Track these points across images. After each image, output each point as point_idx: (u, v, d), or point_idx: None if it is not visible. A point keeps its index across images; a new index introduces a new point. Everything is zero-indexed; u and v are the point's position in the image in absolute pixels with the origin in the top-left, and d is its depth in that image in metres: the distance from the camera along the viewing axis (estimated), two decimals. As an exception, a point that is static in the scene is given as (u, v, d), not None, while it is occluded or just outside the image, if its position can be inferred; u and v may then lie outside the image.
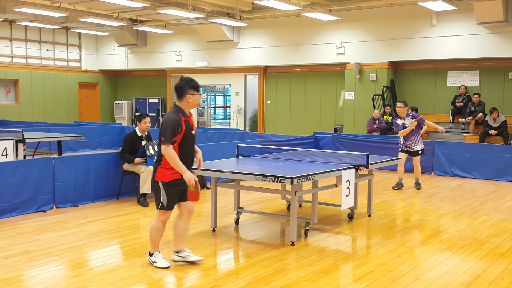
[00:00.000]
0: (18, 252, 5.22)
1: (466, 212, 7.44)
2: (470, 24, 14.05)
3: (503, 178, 10.30)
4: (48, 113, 20.89)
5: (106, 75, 22.99)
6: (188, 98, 4.60)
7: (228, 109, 20.62)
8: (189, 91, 4.59)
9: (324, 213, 7.22)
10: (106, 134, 14.99)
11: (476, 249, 5.55)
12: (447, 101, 15.16)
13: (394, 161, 7.29)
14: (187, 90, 4.59)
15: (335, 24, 16.16)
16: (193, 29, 18.69)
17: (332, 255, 5.29)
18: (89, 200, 7.65)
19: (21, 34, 20.16)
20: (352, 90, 16.25)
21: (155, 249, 4.85)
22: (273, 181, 5.27)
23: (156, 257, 4.83)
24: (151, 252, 4.87)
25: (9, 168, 6.70)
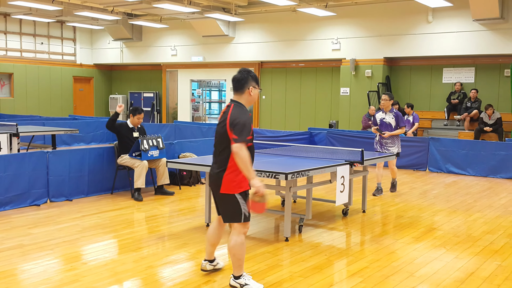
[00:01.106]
0: (12, 246, 5.20)
1: (460, 209, 7.47)
2: (466, 21, 14.07)
3: (497, 175, 10.34)
4: (43, 107, 20.79)
5: (101, 69, 22.88)
6: (250, 91, 4.07)
7: (224, 104, 20.58)
8: (252, 83, 4.07)
9: (318, 209, 7.22)
10: (100, 129, 14.93)
11: (470, 246, 5.57)
12: (442, 98, 15.20)
13: (389, 157, 7.30)
14: (249, 83, 4.06)
15: (331, 19, 16.14)
16: (188, 23, 18.62)
17: (326, 251, 5.29)
18: (83, 194, 7.62)
19: (16, 28, 20.02)
20: (347, 86, 16.25)
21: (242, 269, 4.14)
22: (268, 177, 5.26)
23: (246, 279, 4.13)
24: (237, 275, 4.12)
25: (3, 162, 6.66)
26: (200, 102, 20.89)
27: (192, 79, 20.60)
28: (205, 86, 21.21)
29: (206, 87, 21.38)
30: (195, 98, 20.82)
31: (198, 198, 7.89)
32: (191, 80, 20.59)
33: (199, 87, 20.96)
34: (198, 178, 8.98)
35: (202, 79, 20.63)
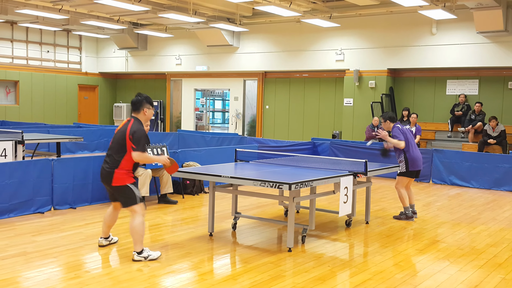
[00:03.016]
0: (15, 253, 5.21)
1: (464, 221, 7.44)
2: (470, 33, 14.11)
3: (501, 187, 10.31)
4: (48, 115, 20.88)
5: (106, 78, 23.00)
6: (145, 111, 5.19)
7: (227, 114, 20.63)
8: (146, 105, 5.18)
9: (321, 219, 7.22)
10: (104, 137, 14.98)
11: (474, 259, 5.55)
12: (446, 110, 15.19)
13: (393, 168, 7.29)
14: (144, 105, 5.17)
15: (335, 30, 16.21)
16: (193, 33, 18.73)
17: (329, 262, 5.28)
18: (87, 202, 7.64)
19: (22, 36, 20.18)
20: (351, 97, 16.27)
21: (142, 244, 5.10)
22: (271, 187, 5.27)
23: (147, 251, 5.11)
24: (139, 250, 5.06)
25: (8, 169, 6.70)
26: (204, 111, 20.95)
27: (196, 88, 20.68)
28: (209, 95, 21.28)
29: (210, 96, 21.45)
30: (198, 107, 20.88)
31: (201, 207, 7.90)
32: (195, 89, 20.67)
33: (203, 96, 21.03)
34: (202, 187, 8.99)
35: (206, 89, 20.70)
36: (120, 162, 5.04)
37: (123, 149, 5.03)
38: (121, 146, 5.05)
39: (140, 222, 5.01)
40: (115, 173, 5.03)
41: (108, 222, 5.42)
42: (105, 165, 5.12)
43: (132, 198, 5.05)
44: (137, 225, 5.00)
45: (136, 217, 5.02)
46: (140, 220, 5.02)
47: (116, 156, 5.06)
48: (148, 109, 5.17)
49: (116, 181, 5.04)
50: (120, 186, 5.05)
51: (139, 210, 5.06)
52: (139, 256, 5.04)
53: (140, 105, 5.16)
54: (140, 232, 5.01)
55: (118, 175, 5.03)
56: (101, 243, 5.50)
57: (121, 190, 5.07)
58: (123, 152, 5.03)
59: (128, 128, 5.04)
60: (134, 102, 5.18)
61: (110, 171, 5.05)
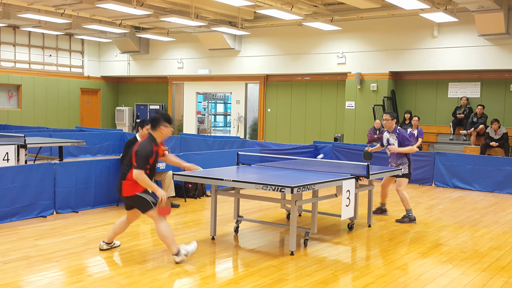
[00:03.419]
0: (18, 257, 5.22)
1: (466, 224, 7.43)
2: (471, 36, 14.11)
3: (504, 190, 10.29)
4: (50, 119, 20.93)
5: (108, 82, 23.05)
6: (161, 130, 5.12)
7: (229, 117, 20.65)
8: (163, 123, 5.12)
9: (323, 223, 7.21)
10: (107, 140, 15.00)
11: (476, 262, 5.53)
12: (448, 112, 15.18)
13: (395, 171, 7.29)
14: (161, 123, 5.11)
15: (336, 34, 16.23)
16: (195, 37, 18.77)
17: (332, 265, 5.28)
18: (89, 206, 7.65)
19: (25, 40, 20.25)
20: (352, 99, 16.28)
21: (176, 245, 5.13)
22: (273, 190, 5.27)
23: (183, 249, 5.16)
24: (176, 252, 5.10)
25: (10, 173, 6.71)
26: (206, 114, 20.97)
27: (198, 92, 20.71)
28: (210, 98, 21.30)
29: (211, 100, 21.48)
30: (200, 111, 20.90)
31: (204, 211, 7.90)
32: (197, 92, 20.70)
33: (205, 99, 21.06)
34: (204, 191, 8.99)
35: (208, 92, 20.73)
36: (127, 174, 5.12)
37: (131, 163, 5.10)
38: (129, 160, 5.15)
39: (164, 226, 5.05)
40: (122, 184, 5.14)
41: (116, 230, 5.45)
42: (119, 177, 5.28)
43: (146, 204, 5.08)
44: (163, 229, 5.03)
45: (158, 222, 5.06)
46: (163, 224, 5.05)
47: (126, 167, 5.18)
48: (165, 127, 5.12)
49: (125, 191, 5.13)
50: (130, 196, 5.13)
51: (157, 214, 5.07)
52: (180, 257, 5.10)
53: (157, 123, 5.11)
54: (168, 234, 5.04)
55: (125, 186, 5.12)
56: (101, 247, 5.53)
57: (133, 199, 5.15)
58: (131, 166, 5.10)
59: (136, 144, 5.12)
60: (151, 120, 5.18)
61: (119, 182, 5.20)
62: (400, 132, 7.48)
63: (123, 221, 5.43)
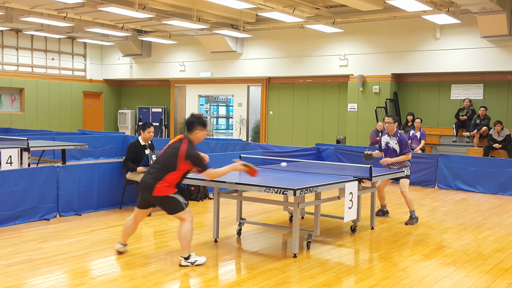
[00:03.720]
0: (21, 260, 5.23)
1: (470, 226, 7.41)
2: (474, 38, 14.10)
3: (507, 192, 10.26)
4: (53, 122, 20.98)
5: (110, 85, 23.10)
6: (196, 133, 5.15)
7: (231, 120, 20.67)
8: (198, 127, 5.14)
9: (326, 225, 7.20)
10: (109, 143, 15.03)
11: (480, 264, 5.52)
12: (450, 114, 15.16)
13: (397, 174, 7.28)
14: (196, 126, 5.13)
15: (338, 36, 16.24)
16: (197, 39, 18.80)
17: (335, 268, 5.27)
18: (92, 209, 7.66)
19: (27, 43, 20.32)
20: (355, 102, 16.27)
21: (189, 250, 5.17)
22: (276, 193, 5.27)
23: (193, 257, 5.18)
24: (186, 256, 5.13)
25: (14, 176, 6.73)
26: (208, 117, 20.99)
27: (200, 95, 20.73)
28: (212, 101, 21.33)
29: (213, 103, 21.50)
30: (203, 113, 20.92)
31: (206, 213, 7.90)
32: (199, 95, 20.72)
33: (207, 102, 21.08)
34: (206, 194, 9.00)
35: (210, 95, 20.75)
36: (164, 177, 5.03)
37: (172, 167, 5.03)
38: (170, 164, 5.03)
39: (189, 229, 5.06)
40: (156, 185, 5.02)
41: (127, 231, 5.44)
42: (149, 176, 5.11)
43: (178, 206, 5.07)
44: (186, 231, 5.05)
45: (184, 224, 5.07)
46: (189, 227, 5.07)
47: (162, 170, 5.05)
48: (200, 130, 5.15)
49: (157, 191, 5.03)
50: (160, 196, 5.04)
51: (186, 216, 5.09)
52: (186, 262, 5.10)
53: (192, 126, 5.14)
54: (188, 238, 5.06)
55: (159, 187, 5.03)
56: (119, 249, 5.50)
57: (163, 200, 5.08)
58: (171, 170, 5.03)
59: (182, 149, 5.01)
60: (187, 122, 5.20)
61: (152, 183, 5.03)
62: (402, 137, 7.42)
63: (131, 222, 5.40)
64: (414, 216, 7.46)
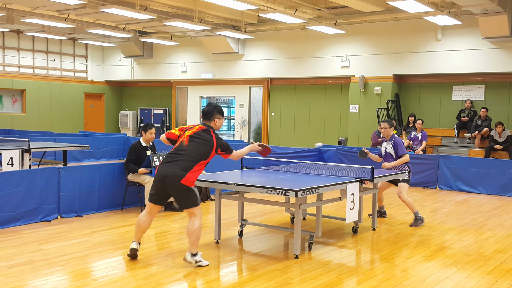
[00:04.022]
0: (23, 261, 5.23)
1: (471, 227, 7.40)
2: (475, 39, 14.09)
3: (508, 193, 10.25)
4: (54, 123, 21.00)
5: (112, 86, 23.12)
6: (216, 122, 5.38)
7: (233, 121, 20.67)
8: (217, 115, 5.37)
9: (328, 226, 7.20)
10: (111, 145, 15.03)
11: (481, 265, 5.51)
12: (452, 115, 15.15)
13: (399, 175, 7.27)
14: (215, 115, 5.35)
15: (340, 37, 16.24)
16: (198, 41, 18.81)
17: (336, 269, 5.26)
18: (94, 210, 7.66)
19: (29, 45, 20.35)
20: (356, 103, 16.27)
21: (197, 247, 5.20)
22: (277, 194, 5.27)
23: (200, 257, 5.20)
24: (194, 253, 5.14)
25: (15, 178, 6.73)
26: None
27: (201, 96, 20.75)
28: (214, 102, 21.32)
29: (215, 104, 21.49)
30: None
31: (208, 214, 7.90)
32: (200, 96, 20.74)
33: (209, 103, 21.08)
34: (208, 195, 8.99)
35: (212, 96, 20.76)
36: (194, 166, 5.11)
37: (205, 156, 5.17)
38: (204, 153, 5.17)
39: (199, 225, 5.12)
40: (187, 175, 5.06)
41: (142, 227, 5.33)
42: (176, 165, 5.07)
43: (194, 200, 5.14)
44: (197, 228, 5.09)
45: (195, 220, 5.12)
46: (199, 223, 5.12)
47: (193, 160, 5.11)
48: (219, 119, 5.36)
49: (186, 180, 5.05)
50: (187, 187, 5.07)
51: (198, 213, 5.15)
52: (192, 258, 5.11)
53: (212, 115, 5.33)
54: (198, 235, 5.10)
55: (189, 177, 5.07)
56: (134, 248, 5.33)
57: (186, 191, 5.10)
58: (202, 159, 5.16)
59: (215, 140, 5.22)
60: (206, 112, 5.36)
61: (181, 172, 5.05)
62: (396, 140, 7.40)
63: (146, 217, 5.29)
64: (419, 216, 7.39)
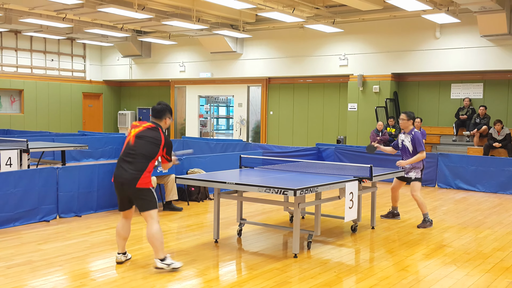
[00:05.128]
0: (21, 262, 5.22)
1: (470, 225, 7.40)
2: (473, 37, 14.09)
3: (507, 191, 10.25)
4: (52, 123, 20.97)
5: (110, 86, 23.09)
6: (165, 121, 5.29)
7: (231, 120, 20.66)
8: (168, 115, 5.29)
9: (327, 225, 7.19)
10: (109, 144, 15.02)
11: (480, 263, 5.51)
12: (450, 114, 15.15)
13: (398, 173, 7.26)
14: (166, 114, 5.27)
15: (338, 36, 16.23)
16: (196, 40, 18.79)
17: (335, 267, 5.26)
18: (92, 210, 7.65)
19: (27, 45, 20.31)
20: (355, 101, 16.27)
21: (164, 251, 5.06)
22: (276, 193, 5.26)
23: (170, 259, 5.05)
24: (162, 258, 5.00)
25: (13, 178, 6.72)
26: (208, 117, 20.98)
27: (200, 95, 20.73)
28: (213, 102, 21.32)
29: (214, 103, 21.50)
30: (203, 114, 20.92)
31: (207, 214, 7.89)
32: (199, 96, 20.72)
33: (207, 103, 21.07)
34: (206, 194, 8.99)
35: (210, 95, 20.75)
36: (147, 167, 5.03)
37: (153, 155, 5.06)
38: (152, 152, 5.05)
39: (158, 229, 4.97)
40: (142, 176, 4.99)
41: (123, 235, 5.22)
42: (129, 168, 4.99)
43: (153, 201, 5.03)
44: (156, 232, 4.94)
45: (153, 224, 4.97)
46: (157, 226, 4.97)
47: (144, 160, 5.02)
48: (169, 118, 5.29)
49: (141, 183, 4.98)
50: (144, 188, 5.00)
51: (155, 216, 5.01)
52: (162, 264, 4.97)
53: (163, 113, 5.23)
54: (160, 238, 4.96)
55: (144, 178, 5.01)
56: (119, 260, 5.24)
57: (144, 192, 5.01)
58: (151, 158, 5.05)
59: (162, 138, 5.10)
60: (158, 110, 5.23)
61: (137, 174, 4.97)
62: (415, 135, 7.16)
63: (123, 224, 5.20)
64: (428, 219, 7.28)
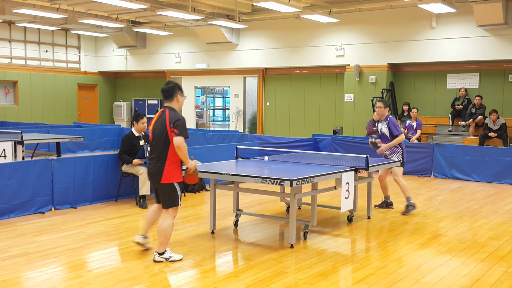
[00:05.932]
0: (17, 253, 5.20)
1: (465, 215, 7.43)
2: (470, 27, 14.06)
3: (502, 181, 10.29)
4: (47, 115, 20.87)
5: (105, 77, 22.97)
6: (178, 99, 5.01)
7: (227, 111, 20.62)
8: (178, 92, 5.01)
9: (323, 215, 7.20)
10: (105, 136, 14.96)
11: (475, 252, 5.53)
12: (446, 104, 15.16)
13: (394, 163, 7.27)
14: (176, 92, 4.99)
15: (334, 26, 16.17)
16: (192, 30, 18.69)
17: (332, 257, 5.27)
18: (88, 201, 7.63)
19: (20, 36, 20.15)
20: (351, 92, 16.25)
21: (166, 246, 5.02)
22: (272, 183, 5.25)
23: (169, 252, 5.03)
24: (161, 252, 4.98)
25: (8, 170, 6.69)
26: (204, 109, 20.93)
27: (196, 86, 20.65)
28: (209, 92, 21.25)
29: (210, 94, 21.43)
30: (199, 105, 20.86)
31: (203, 205, 7.89)
32: (195, 87, 20.64)
33: (203, 94, 21.01)
34: (203, 185, 8.98)
35: (206, 86, 20.67)
36: (167, 154, 4.82)
37: (167, 141, 4.82)
38: (162, 133, 4.83)
39: (170, 225, 4.91)
40: (166, 169, 4.82)
41: (150, 218, 5.17)
42: (152, 163, 4.90)
43: (175, 200, 4.93)
44: (167, 227, 4.89)
45: (167, 219, 4.92)
46: (171, 222, 4.92)
47: (160, 147, 4.83)
48: (181, 96, 4.99)
49: (165, 178, 4.83)
50: (167, 184, 4.85)
51: (174, 213, 4.98)
52: (161, 257, 4.96)
53: (173, 92, 4.94)
54: (168, 234, 4.92)
55: (169, 171, 4.83)
56: (138, 240, 5.27)
57: (167, 188, 4.88)
58: (166, 140, 4.81)
59: (166, 118, 4.83)
60: (166, 90, 4.94)
61: (160, 166, 4.83)
62: (390, 120, 7.38)
63: (156, 210, 5.16)
64: (410, 202, 7.39)
